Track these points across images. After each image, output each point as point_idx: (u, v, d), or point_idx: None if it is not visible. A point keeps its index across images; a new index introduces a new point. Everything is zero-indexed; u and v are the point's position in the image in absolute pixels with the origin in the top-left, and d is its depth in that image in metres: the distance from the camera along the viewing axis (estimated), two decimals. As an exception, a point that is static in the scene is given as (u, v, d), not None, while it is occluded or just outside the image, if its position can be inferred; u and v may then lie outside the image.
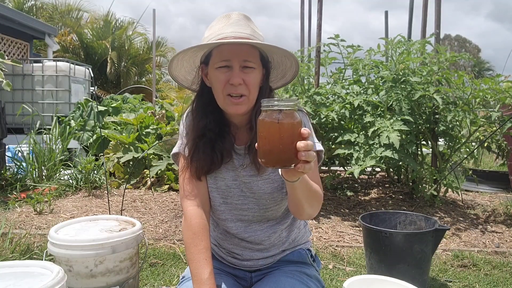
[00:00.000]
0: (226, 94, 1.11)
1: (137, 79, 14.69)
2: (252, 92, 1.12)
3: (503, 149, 3.83)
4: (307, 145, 0.82)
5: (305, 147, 0.82)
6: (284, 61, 1.19)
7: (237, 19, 1.13)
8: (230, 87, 1.10)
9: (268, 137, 0.82)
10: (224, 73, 1.10)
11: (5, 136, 4.46)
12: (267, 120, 0.82)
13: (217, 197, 1.22)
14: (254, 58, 1.11)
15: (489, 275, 2.44)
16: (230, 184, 1.21)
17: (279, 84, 1.29)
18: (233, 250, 1.26)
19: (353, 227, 3.26)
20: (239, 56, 1.09)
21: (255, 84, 1.12)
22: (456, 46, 35.37)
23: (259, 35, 1.14)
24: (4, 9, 7.24)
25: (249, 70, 1.10)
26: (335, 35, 3.83)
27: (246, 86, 1.10)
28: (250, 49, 1.10)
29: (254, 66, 1.11)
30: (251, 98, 1.12)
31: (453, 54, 3.44)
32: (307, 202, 1.05)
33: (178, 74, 1.24)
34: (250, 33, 1.11)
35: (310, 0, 5.29)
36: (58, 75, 6.80)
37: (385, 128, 3.21)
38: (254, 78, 1.11)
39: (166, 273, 2.40)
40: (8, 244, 2.44)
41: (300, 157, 0.82)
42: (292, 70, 1.22)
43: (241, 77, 1.09)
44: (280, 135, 0.81)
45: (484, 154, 6.97)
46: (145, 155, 4.54)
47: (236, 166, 1.20)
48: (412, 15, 4.94)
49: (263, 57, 1.15)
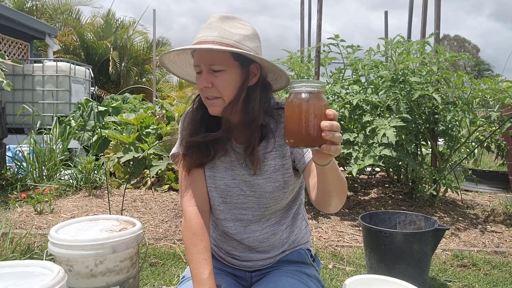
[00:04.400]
0: (204, 97, 1.14)
1: (137, 79, 14.69)
2: (225, 93, 1.11)
3: (502, 149, 3.83)
4: (332, 125, 0.83)
5: (330, 127, 0.83)
6: (262, 61, 1.15)
7: (210, 22, 1.12)
8: (203, 91, 1.13)
9: (295, 118, 0.85)
10: (198, 79, 1.13)
11: (6, 136, 4.47)
12: (295, 101, 0.84)
13: (216, 197, 1.23)
14: (221, 60, 1.09)
15: (488, 275, 2.44)
16: (229, 183, 1.21)
17: (281, 84, 1.26)
18: (232, 251, 1.27)
19: (353, 227, 3.27)
20: (205, 60, 1.10)
21: (227, 86, 1.11)
22: (455, 46, 35.35)
23: (232, 34, 1.10)
24: (4, 9, 7.24)
25: (218, 73, 1.10)
26: (335, 35, 3.84)
27: (216, 88, 1.10)
28: (216, 51, 1.09)
29: (222, 68, 1.10)
30: (226, 99, 1.12)
31: (452, 54, 3.45)
32: (335, 190, 1.03)
33: (185, 75, 1.29)
34: (217, 34, 1.09)
35: (310, 0, 5.30)
36: (59, 75, 6.80)
37: (383, 126, 3.22)
38: (224, 79, 1.10)
39: (166, 273, 2.40)
40: (8, 244, 2.45)
41: (325, 137, 0.83)
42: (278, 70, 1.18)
43: (210, 80, 1.10)
44: (307, 114, 0.83)
45: (484, 154, 6.98)
46: (145, 155, 4.54)
47: (235, 164, 1.20)
48: (412, 15, 4.95)
49: (240, 57, 1.11)
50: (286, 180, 1.18)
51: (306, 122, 0.84)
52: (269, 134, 1.18)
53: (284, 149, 1.18)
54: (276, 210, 1.23)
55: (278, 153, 1.18)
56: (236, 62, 1.11)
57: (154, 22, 6.87)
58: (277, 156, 1.18)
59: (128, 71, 13.91)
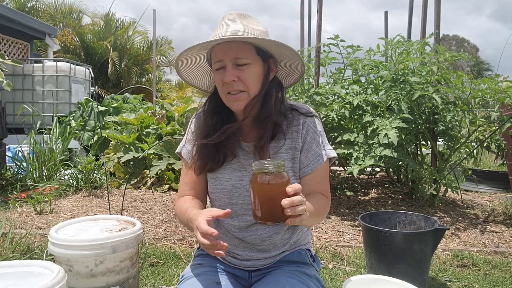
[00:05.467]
0: (226, 92, 1.14)
1: (137, 79, 14.69)
2: (251, 87, 1.13)
3: (502, 149, 3.83)
4: (292, 202, 0.89)
5: (290, 203, 0.89)
6: (284, 52, 1.19)
7: (229, 18, 1.15)
8: (227, 86, 1.13)
9: (258, 198, 0.92)
10: (220, 74, 1.14)
11: (6, 136, 4.47)
12: (257, 181, 0.92)
13: (223, 198, 1.23)
14: (247, 53, 1.12)
15: (488, 275, 2.44)
16: (236, 184, 1.21)
17: (291, 81, 1.31)
18: (233, 250, 1.27)
19: (353, 227, 3.27)
20: (230, 54, 1.11)
21: (253, 79, 1.13)
22: (454, 46, 35.30)
23: (253, 29, 1.14)
24: (4, 9, 7.24)
25: (243, 66, 1.12)
26: (335, 35, 3.84)
27: (242, 82, 1.12)
28: (240, 45, 1.11)
29: (248, 61, 1.12)
30: (251, 93, 1.14)
31: (452, 54, 3.45)
32: (314, 223, 1.14)
33: (194, 80, 1.30)
34: (241, 29, 1.12)
35: (310, 0, 5.30)
36: (59, 75, 6.80)
37: (384, 127, 3.22)
38: (250, 73, 1.12)
39: (166, 273, 2.40)
40: (8, 244, 2.45)
41: (288, 213, 0.89)
42: (297, 63, 1.22)
43: (235, 74, 1.11)
44: (269, 196, 0.91)
45: (484, 154, 6.98)
46: (145, 155, 4.55)
47: (244, 165, 1.21)
48: (412, 15, 4.95)
49: (261, 51, 1.15)
50: (293, 182, 1.19)
51: (268, 202, 0.91)
52: (280, 135, 1.19)
53: (295, 153, 1.19)
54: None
55: (289, 155, 1.19)
56: (258, 56, 1.14)
57: (154, 22, 6.87)
58: (287, 158, 1.19)
59: (128, 71, 13.91)
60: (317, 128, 1.22)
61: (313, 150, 1.20)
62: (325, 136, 1.27)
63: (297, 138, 1.19)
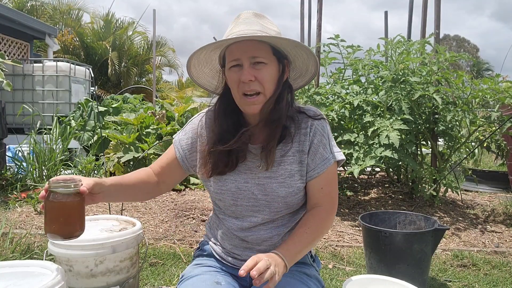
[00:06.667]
0: (242, 93, 1.12)
1: (137, 79, 14.69)
2: (267, 87, 1.11)
3: (502, 149, 3.83)
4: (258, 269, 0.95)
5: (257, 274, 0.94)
6: (300, 53, 1.18)
7: (245, 17, 1.14)
8: (243, 85, 1.11)
9: (50, 212, 1.04)
10: (236, 72, 1.11)
11: (6, 136, 4.47)
12: (50, 198, 1.04)
13: (228, 199, 1.22)
14: (264, 53, 1.10)
15: (488, 275, 2.44)
16: (241, 186, 1.20)
17: (301, 82, 1.30)
18: (233, 250, 1.26)
19: (353, 226, 3.27)
20: (247, 53, 1.09)
21: (269, 79, 1.11)
22: (454, 46, 35.30)
23: (270, 29, 1.13)
24: (4, 9, 7.24)
25: (260, 66, 1.10)
26: (335, 35, 3.84)
27: (259, 82, 1.10)
28: (258, 44, 1.10)
29: (265, 61, 1.10)
30: (267, 94, 1.12)
31: (452, 54, 3.45)
32: (312, 246, 1.23)
33: (202, 80, 1.28)
34: (258, 29, 1.11)
35: (310, 0, 5.30)
36: (59, 75, 6.80)
37: (385, 127, 3.21)
38: (267, 73, 1.11)
39: (166, 273, 2.40)
40: (8, 244, 2.45)
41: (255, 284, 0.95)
42: (310, 65, 1.22)
43: (252, 73, 1.09)
44: (57, 211, 1.03)
45: (484, 154, 6.98)
46: (146, 155, 4.54)
47: (250, 167, 1.19)
48: (412, 15, 4.95)
49: (277, 52, 1.14)
50: (299, 186, 1.18)
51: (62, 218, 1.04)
52: (287, 138, 1.18)
53: (303, 156, 1.18)
54: (285, 214, 1.23)
55: (296, 158, 1.18)
56: (274, 56, 1.13)
57: (154, 22, 6.88)
58: (294, 161, 1.18)
59: (128, 71, 13.91)
60: (325, 131, 1.21)
61: (320, 153, 1.19)
62: (333, 139, 1.25)
63: (305, 141, 1.18)
